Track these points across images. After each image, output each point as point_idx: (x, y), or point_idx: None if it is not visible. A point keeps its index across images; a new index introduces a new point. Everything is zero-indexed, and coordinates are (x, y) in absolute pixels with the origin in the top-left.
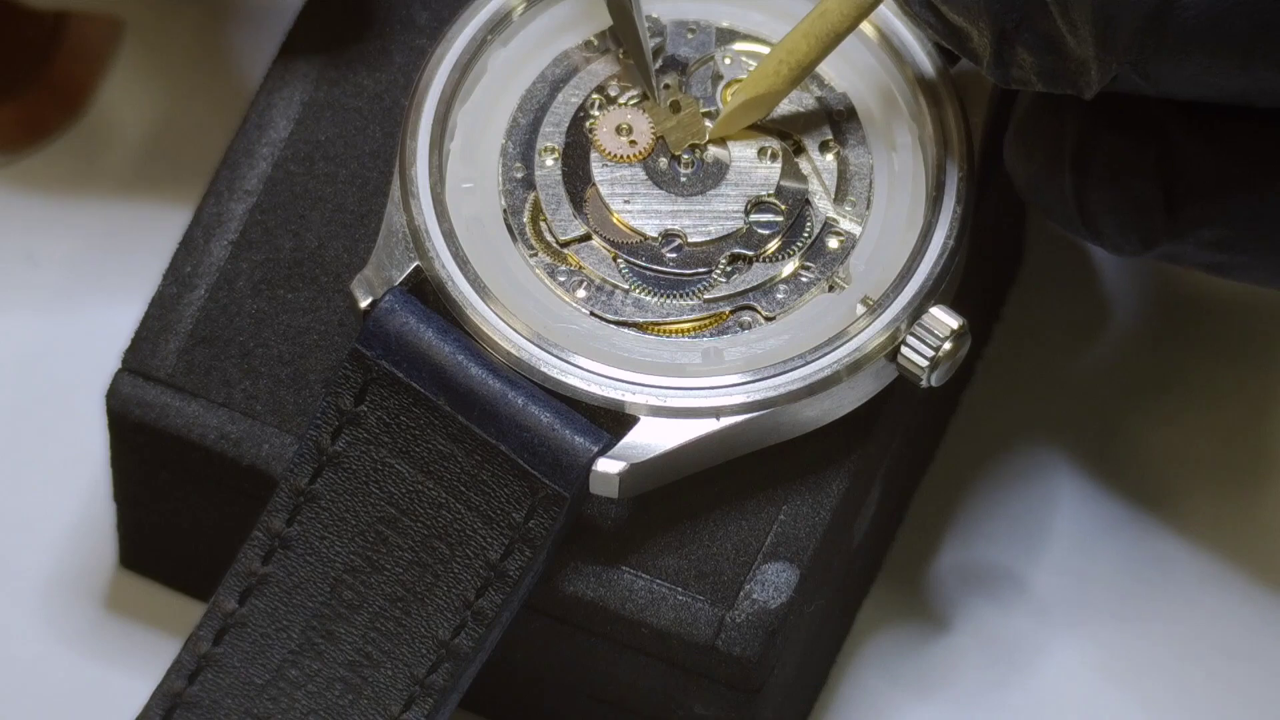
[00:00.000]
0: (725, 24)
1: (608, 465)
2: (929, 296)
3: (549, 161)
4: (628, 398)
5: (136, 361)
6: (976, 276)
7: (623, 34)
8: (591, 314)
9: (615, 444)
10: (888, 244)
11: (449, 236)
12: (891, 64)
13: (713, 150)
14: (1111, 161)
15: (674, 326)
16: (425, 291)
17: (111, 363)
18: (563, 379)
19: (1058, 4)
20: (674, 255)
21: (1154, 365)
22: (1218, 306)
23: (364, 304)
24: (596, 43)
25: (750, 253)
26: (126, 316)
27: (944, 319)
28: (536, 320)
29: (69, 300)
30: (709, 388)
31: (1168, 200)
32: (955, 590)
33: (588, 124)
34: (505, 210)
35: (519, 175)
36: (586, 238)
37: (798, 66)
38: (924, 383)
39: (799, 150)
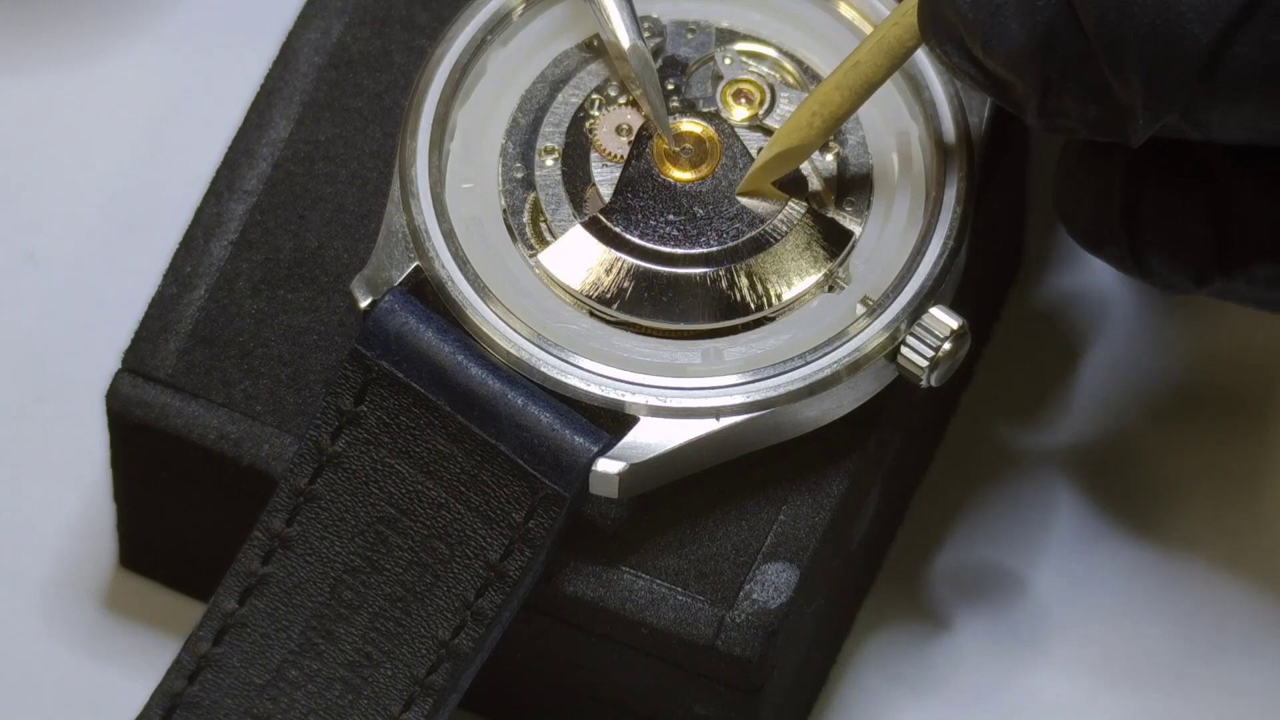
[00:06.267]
0: (725, 24)
1: (607, 465)
2: (929, 296)
3: (549, 161)
4: (627, 398)
5: (136, 361)
6: (976, 276)
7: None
8: (591, 314)
9: (615, 444)
10: (888, 244)
11: (449, 236)
12: None
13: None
14: (1162, 204)
15: (674, 326)
16: (425, 291)
17: (111, 363)
18: (563, 379)
19: (1106, 54)
20: None
21: (1153, 366)
22: (1217, 307)
23: (364, 304)
24: (596, 44)
25: None
26: (126, 316)
27: (944, 319)
28: (536, 320)
29: (69, 300)
30: (709, 388)
31: (1219, 241)
32: (955, 590)
33: (587, 124)
34: (505, 210)
35: (519, 175)
36: None
37: (831, 118)
38: (924, 383)
39: None
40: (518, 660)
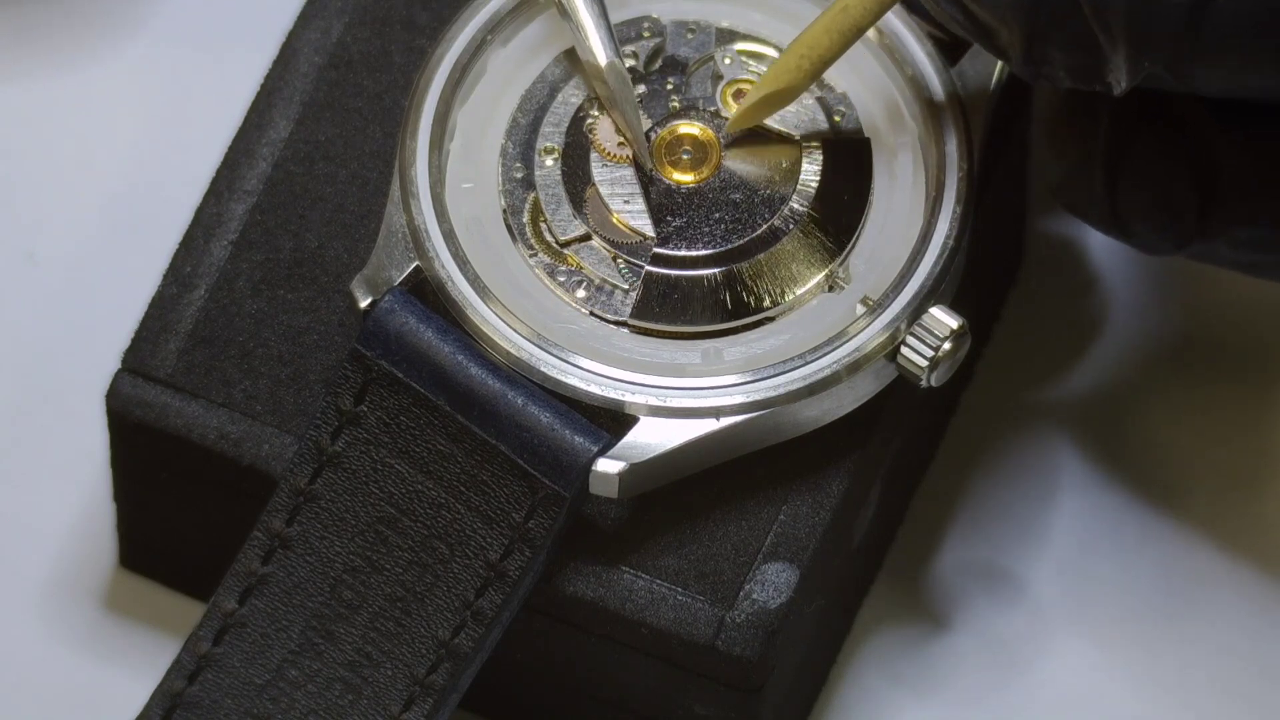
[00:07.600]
0: (725, 24)
1: (607, 465)
2: (929, 296)
3: (549, 161)
4: (627, 398)
5: (136, 361)
6: (976, 276)
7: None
8: (591, 314)
9: (615, 444)
10: (888, 244)
11: (449, 236)
12: (891, 64)
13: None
14: (1144, 162)
15: (675, 328)
16: (425, 291)
17: (111, 363)
18: (562, 379)
19: (1090, 5)
20: None
21: (1154, 366)
22: (1217, 306)
23: (364, 304)
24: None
25: None
26: (126, 316)
27: (944, 319)
28: (536, 320)
29: (69, 300)
30: (709, 388)
31: (1201, 201)
32: (955, 590)
33: (587, 124)
34: (505, 210)
35: (519, 175)
36: (586, 238)
37: (819, 61)
38: (924, 383)
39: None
40: (518, 660)
